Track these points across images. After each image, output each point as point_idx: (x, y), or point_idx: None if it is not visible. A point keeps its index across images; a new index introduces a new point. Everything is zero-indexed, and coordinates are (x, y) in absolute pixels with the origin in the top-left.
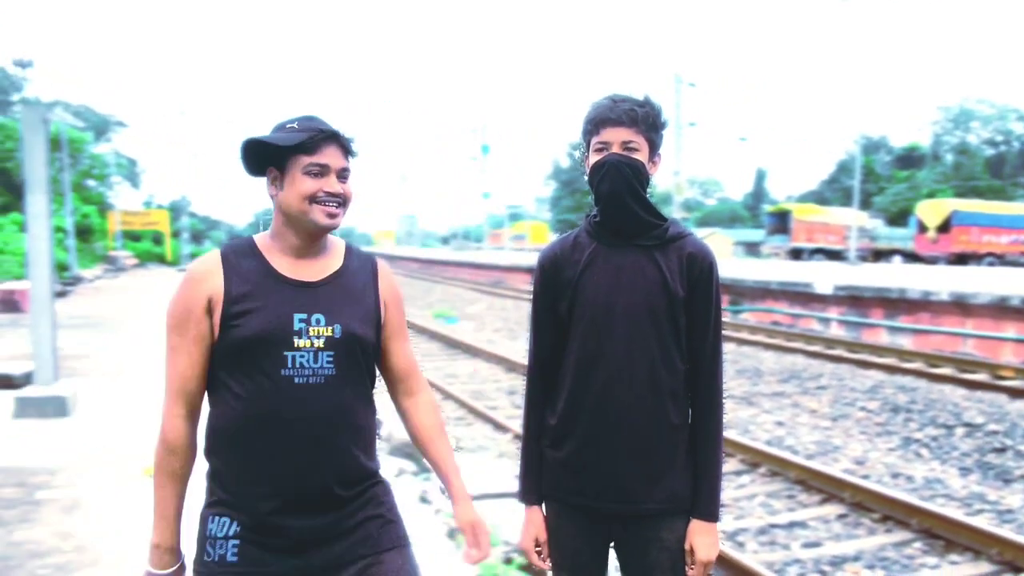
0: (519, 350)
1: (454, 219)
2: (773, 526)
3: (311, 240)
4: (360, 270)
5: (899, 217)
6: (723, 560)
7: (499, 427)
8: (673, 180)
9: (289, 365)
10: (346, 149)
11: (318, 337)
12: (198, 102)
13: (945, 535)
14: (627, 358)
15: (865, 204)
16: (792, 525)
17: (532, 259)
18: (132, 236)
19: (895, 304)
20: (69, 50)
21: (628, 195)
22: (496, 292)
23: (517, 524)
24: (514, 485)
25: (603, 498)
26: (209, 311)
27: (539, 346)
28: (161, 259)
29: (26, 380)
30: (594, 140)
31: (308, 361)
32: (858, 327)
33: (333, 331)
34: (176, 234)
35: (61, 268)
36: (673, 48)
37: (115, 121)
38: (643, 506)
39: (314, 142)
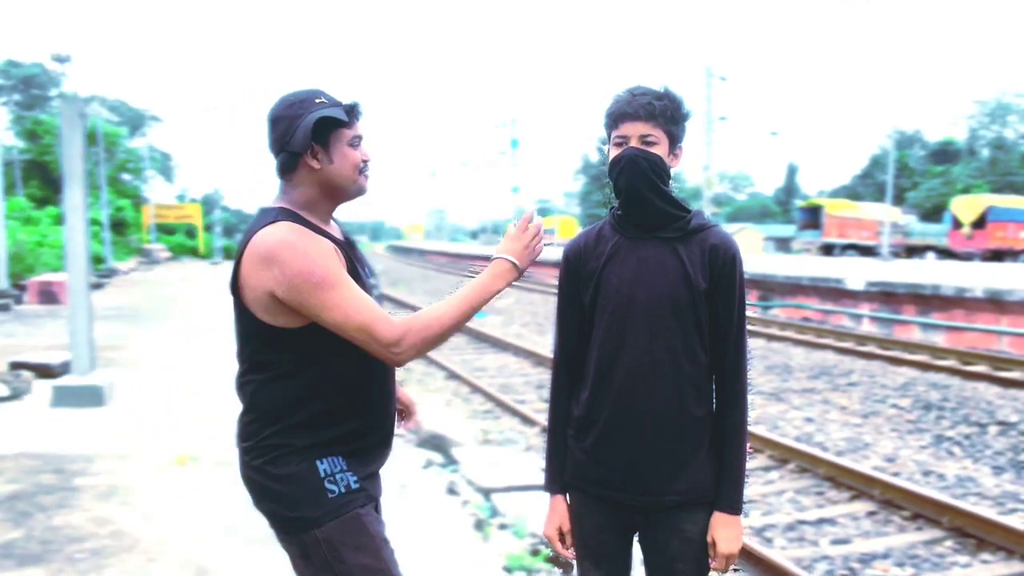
0: (547, 344)
1: (483, 213)
2: (802, 522)
3: (340, 206)
4: None
5: (933, 213)
6: (751, 556)
7: (527, 420)
8: (703, 175)
9: None
10: (360, 117)
11: (376, 288)
12: (230, 96)
13: (977, 534)
14: (648, 350)
15: (898, 199)
16: (821, 522)
17: (559, 254)
18: (166, 229)
19: (928, 300)
20: (106, 45)
21: (646, 188)
22: (524, 286)
23: (544, 516)
24: (542, 478)
25: (625, 489)
26: None
27: (564, 337)
28: (194, 252)
29: (63, 369)
30: (613, 134)
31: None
32: (890, 323)
33: (377, 281)
34: (209, 227)
35: (97, 261)
36: (704, 41)
37: (150, 116)
38: (665, 498)
39: (354, 115)
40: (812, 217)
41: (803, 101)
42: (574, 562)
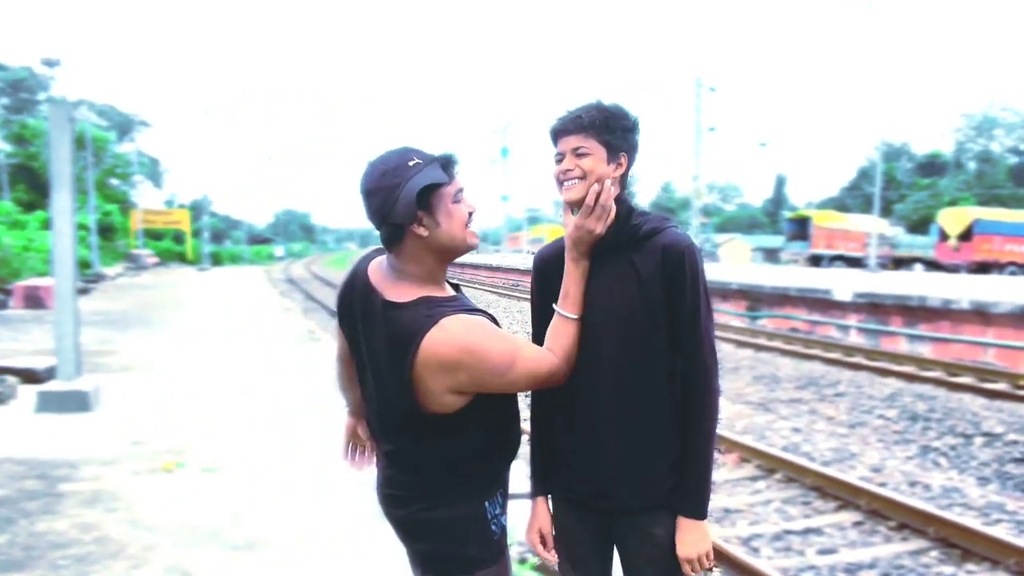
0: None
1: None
2: (788, 532)
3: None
4: None
5: (920, 225)
6: (737, 565)
7: None
8: (692, 185)
9: None
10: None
11: None
12: (220, 102)
13: (962, 544)
14: (610, 361)
15: (886, 211)
16: (807, 532)
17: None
18: (153, 235)
19: (915, 312)
20: (95, 50)
21: (578, 205)
22: (514, 295)
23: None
24: (529, 486)
25: (595, 495)
26: None
27: (539, 337)
28: (182, 258)
29: (49, 375)
30: (555, 151)
31: None
32: (877, 335)
33: None
34: (197, 233)
35: (84, 265)
36: (694, 52)
37: (138, 121)
38: (634, 503)
39: (451, 169)
40: (800, 228)
41: (792, 113)
42: (556, 566)
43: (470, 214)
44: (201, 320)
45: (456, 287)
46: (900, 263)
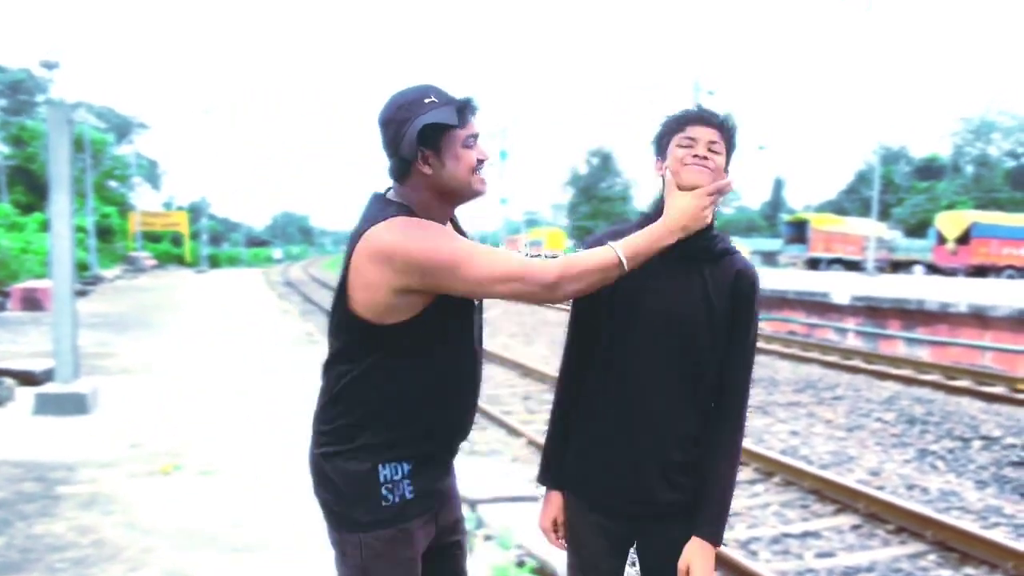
0: (534, 355)
1: (471, 224)
2: (786, 535)
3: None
4: None
5: (918, 228)
6: (736, 569)
7: (513, 432)
8: None
9: (475, 328)
10: (475, 113)
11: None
12: (220, 102)
13: (960, 548)
14: (660, 364)
15: (884, 215)
16: (805, 535)
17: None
18: (152, 237)
19: (913, 315)
20: (94, 52)
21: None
22: None
23: (530, 528)
24: (528, 489)
25: (619, 496)
26: None
27: (579, 328)
28: (180, 260)
29: (46, 377)
30: (678, 136)
31: (480, 320)
32: (875, 338)
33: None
34: (195, 235)
35: (82, 268)
36: (693, 56)
37: (137, 123)
38: (658, 507)
39: (466, 113)
40: (798, 231)
41: (790, 116)
42: (559, 571)
43: (480, 161)
44: (199, 322)
45: (460, 230)
46: (898, 266)
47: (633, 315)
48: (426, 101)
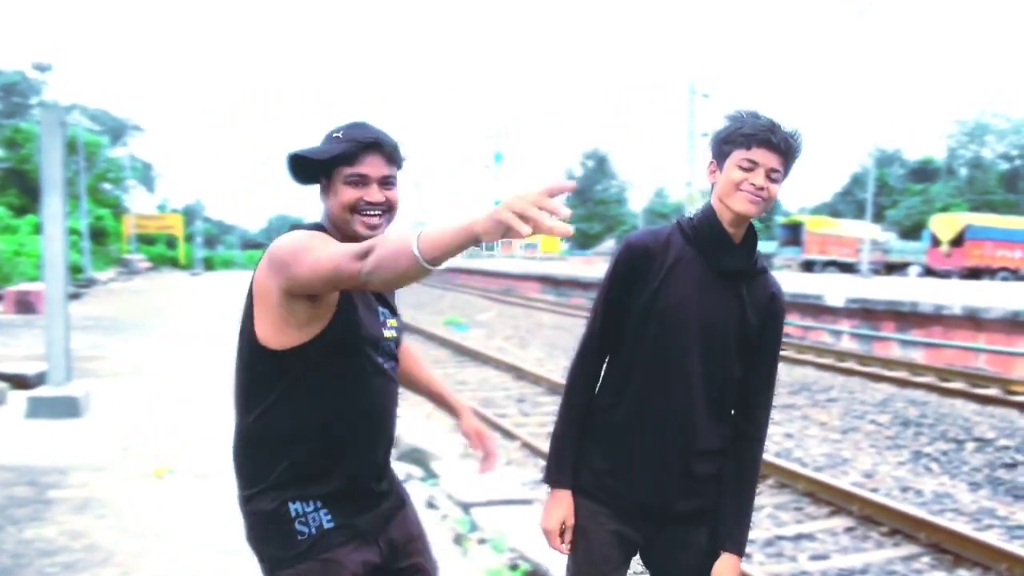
0: (529, 358)
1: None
2: (780, 538)
3: None
4: None
5: (912, 230)
6: None
7: (508, 435)
8: (686, 191)
9: (383, 363)
10: (390, 156)
11: (394, 328)
12: (217, 105)
13: (954, 550)
14: (692, 373)
15: (878, 217)
16: (800, 537)
17: (542, 268)
18: (146, 240)
19: (907, 318)
20: (87, 54)
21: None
22: (507, 300)
23: (524, 531)
24: (521, 492)
25: (642, 498)
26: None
27: (604, 326)
28: (174, 263)
29: (39, 380)
30: (740, 154)
31: (391, 350)
32: (869, 340)
33: (398, 323)
34: (189, 238)
35: (75, 270)
36: (688, 58)
37: (131, 125)
38: (679, 511)
39: (352, 152)
40: (793, 234)
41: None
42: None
43: (363, 201)
44: (193, 325)
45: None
46: (892, 268)
47: (675, 325)
48: (334, 135)
